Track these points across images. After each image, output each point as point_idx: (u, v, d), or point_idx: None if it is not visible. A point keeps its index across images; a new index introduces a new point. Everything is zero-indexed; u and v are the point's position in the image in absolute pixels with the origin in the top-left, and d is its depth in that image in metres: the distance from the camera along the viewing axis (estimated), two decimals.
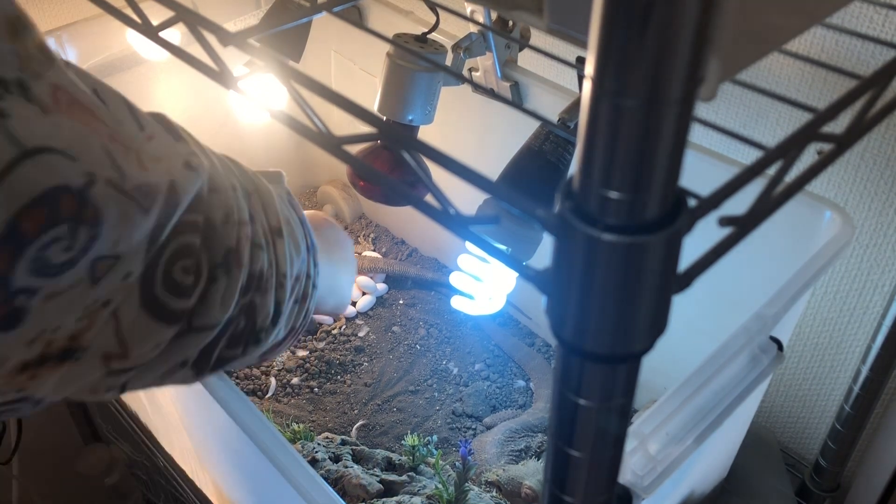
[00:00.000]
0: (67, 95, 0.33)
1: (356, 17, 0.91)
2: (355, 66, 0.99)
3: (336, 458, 0.75)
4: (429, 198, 0.27)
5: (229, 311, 0.42)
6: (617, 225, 0.21)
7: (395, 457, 0.77)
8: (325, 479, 0.72)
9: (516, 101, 0.77)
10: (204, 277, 0.40)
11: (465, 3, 0.67)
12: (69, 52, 0.82)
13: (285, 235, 0.47)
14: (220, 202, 0.41)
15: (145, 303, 0.38)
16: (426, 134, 0.66)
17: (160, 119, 0.42)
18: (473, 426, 0.84)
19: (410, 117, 0.66)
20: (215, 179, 0.41)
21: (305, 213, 0.57)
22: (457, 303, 0.77)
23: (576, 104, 0.62)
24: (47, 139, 0.31)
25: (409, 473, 0.75)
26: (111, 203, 0.34)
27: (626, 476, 0.40)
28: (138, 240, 0.36)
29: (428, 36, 0.67)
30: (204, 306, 0.40)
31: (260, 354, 0.50)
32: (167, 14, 0.36)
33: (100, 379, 0.40)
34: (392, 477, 0.74)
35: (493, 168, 0.60)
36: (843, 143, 0.30)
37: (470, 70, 0.77)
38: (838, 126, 0.30)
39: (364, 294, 1.00)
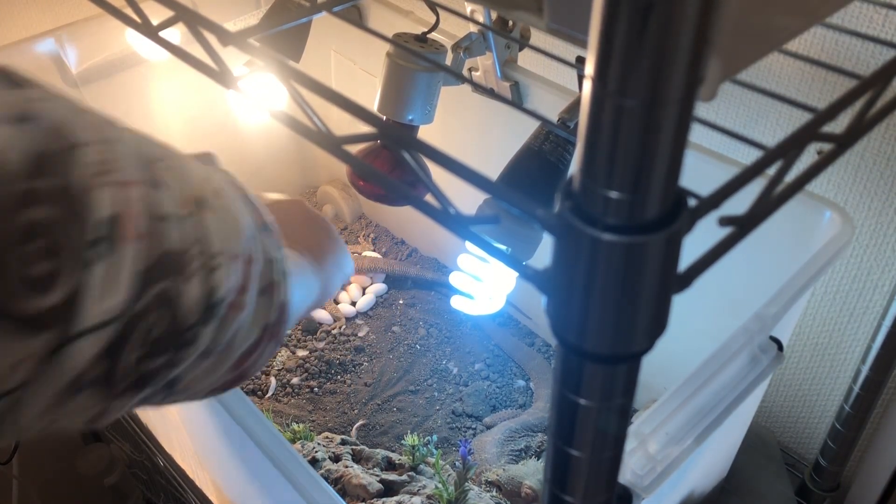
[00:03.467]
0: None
1: (356, 17, 0.91)
2: (355, 66, 0.99)
3: (336, 458, 0.75)
4: (429, 198, 0.27)
5: (121, 303, 0.30)
6: (617, 225, 0.21)
7: (395, 456, 0.77)
8: (325, 478, 0.72)
9: (516, 100, 0.77)
10: (68, 263, 0.29)
11: (465, 3, 0.67)
12: (69, 51, 0.82)
13: (215, 207, 0.36)
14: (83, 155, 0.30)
15: None
16: (426, 134, 0.66)
17: None
18: (473, 426, 0.84)
19: (410, 117, 0.66)
20: (67, 128, 0.30)
21: (270, 195, 0.51)
22: (457, 303, 0.77)
23: (576, 104, 0.62)
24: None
25: (409, 473, 0.75)
26: None
27: (626, 476, 0.40)
28: None
29: (428, 36, 0.67)
30: (77, 303, 0.29)
31: (231, 365, 0.39)
32: (167, 14, 0.36)
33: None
34: (392, 477, 0.74)
35: (493, 168, 0.60)
36: (843, 143, 0.30)
37: (470, 70, 0.77)
38: (838, 126, 0.30)
39: (364, 293, 1.00)
